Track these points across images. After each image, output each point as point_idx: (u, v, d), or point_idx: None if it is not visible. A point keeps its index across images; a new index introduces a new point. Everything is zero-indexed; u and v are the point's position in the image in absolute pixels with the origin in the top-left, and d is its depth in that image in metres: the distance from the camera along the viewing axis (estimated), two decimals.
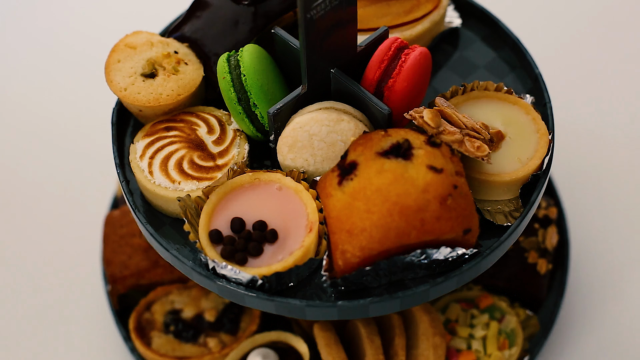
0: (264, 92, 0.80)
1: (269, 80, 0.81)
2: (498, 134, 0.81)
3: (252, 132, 0.83)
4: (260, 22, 0.86)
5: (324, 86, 0.81)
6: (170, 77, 0.84)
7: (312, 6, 0.71)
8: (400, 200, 0.71)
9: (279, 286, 0.76)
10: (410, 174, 0.72)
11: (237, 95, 0.80)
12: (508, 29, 0.94)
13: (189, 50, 0.87)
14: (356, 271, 0.73)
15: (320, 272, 0.78)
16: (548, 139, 0.81)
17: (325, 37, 0.75)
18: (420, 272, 0.76)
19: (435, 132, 0.75)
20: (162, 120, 0.85)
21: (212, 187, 0.78)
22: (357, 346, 0.92)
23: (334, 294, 0.77)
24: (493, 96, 0.84)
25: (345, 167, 0.74)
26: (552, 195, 1.09)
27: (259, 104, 0.80)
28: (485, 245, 0.78)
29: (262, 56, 0.81)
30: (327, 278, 0.75)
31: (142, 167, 0.82)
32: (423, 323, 0.91)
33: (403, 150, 0.73)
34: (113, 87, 0.84)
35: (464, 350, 0.95)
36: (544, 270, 1.00)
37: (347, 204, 0.72)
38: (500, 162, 0.80)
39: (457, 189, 0.72)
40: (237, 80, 0.80)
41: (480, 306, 0.98)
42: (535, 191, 0.80)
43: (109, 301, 1.03)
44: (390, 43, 0.80)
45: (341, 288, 0.76)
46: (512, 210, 0.80)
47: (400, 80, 0.78)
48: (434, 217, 0.72)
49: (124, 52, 0.85)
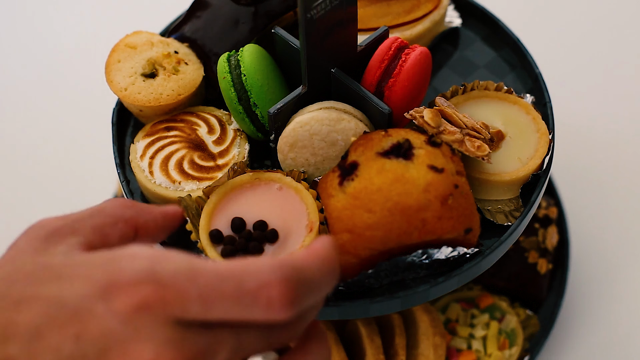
0: (264, 91, 0.80)
1: (269, 80, 0.81)
2: (498, 133, 0.81)
3: (252, 132, 0.83)
4: (261, 22, 0.86)
5: (324, 86, 0.81)
6: (171, 77, 0.84)
7: (313, 6, 0.71)
8: (401, 200, 0.71)
9: None
10: (411, 174, 0.72)
11: (237, 95, 0.80)
12: (508, 29, 0.94)
13: (189, 50, 0.87)
14: (358, 275, 0.74)
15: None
16: (548, 139, 0.81)
17: (325, 37, 0.75)
18: (422, 272, 0.76)
19: (436, 132, 0.75)
20: (163, 120, 0.85)
21: (212, 187, 0.78)
22: (357, 346, 0.92)
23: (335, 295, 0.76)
24: (493, 96, 0.84)
25: (346, 168, 0.74)
26: (552, 195, 1.09)
27: (259, 103, 0.80)
28: (486, 245, 0.78)
29: (262, 56, 0.81)
30: None
31: (142, 167, 0.82)
32: (423, 323, 0.91)
33: (404, 150, 0.73)
34: (113, 87, 0.84)
35: (464, 350, 0.95)
36: (544, 270, 1.00)
37: (348, 204, 0.72)
38: (501, 161, 0.80)
39: (458, 189, 0.72)
40: (238, 80, 0.80)
41: (480, 306, 0.98)
42: (536, 190, 0.80)
43: None
44: (390, 43, 0.80)
45: (342, 289, 0.76)
46: (513, 210, 0.80)
47: (401, 80, 0.78)
48: (435, 216, 0.71)
49: (124, 52, 0.85)
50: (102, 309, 0.47)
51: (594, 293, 1.07)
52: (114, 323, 0.46)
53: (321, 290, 0.51)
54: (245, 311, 0.48)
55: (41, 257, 0.52)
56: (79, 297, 0.47)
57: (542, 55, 1.16)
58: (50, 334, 0.46)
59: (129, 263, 0.48)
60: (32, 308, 0.47)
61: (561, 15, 1.35)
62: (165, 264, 0.48)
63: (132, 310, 0.46)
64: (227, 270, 0.48)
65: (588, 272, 1.09)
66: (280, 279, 0.48)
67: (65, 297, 0.47)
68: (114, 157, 0.86)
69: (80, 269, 0.49)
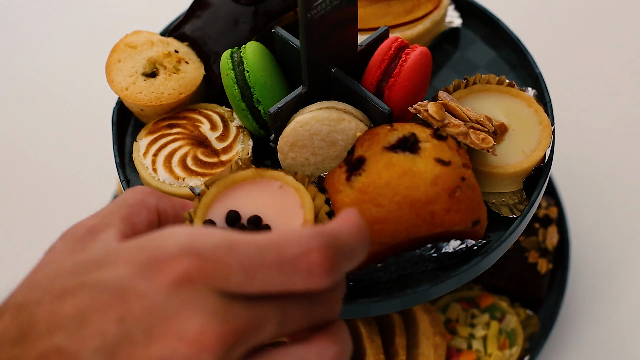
0: (267, 88, 0.80)
1: (272, 77, 0.81)
2: (501, 126, 0.81)
3: (255, 129, 0.83)
4: (261, 22, 0.86)
5: (325, 86, 0.81)
6: (172, 76, 0.84)
7: (313, 6, 0.71)
8: (409, 193, 0.71)
9: None
10: (418, 167, 0.72)
11: (240, 91, 0.80)
12: (508, 29, 0.94)
13: (189, 49, 0.87)
14: (367, 268, 0.74)
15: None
16: (551, 131, 0.81)
17: (325, 37, 0.75)
18: (430, 265, 0.76)
19: (441, 125, 0.75)
20: (165, 117, 0.85)
21: (213, 179, 0.78)
22: (358, 346, 0.92)
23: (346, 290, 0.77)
24: (495, 89, 0.84)
25: (353, 163, 0.74)
26: (552, 195, 1.09)
27: (263, 100, 0.80)
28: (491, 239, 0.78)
29: (264, 53, 0.81)
30: None
31: (145, 164, 0.82)
32: (423, 323, 0.91)
33: (410, 144, 0.73)
34: (114, 87, 0.84)
35: (465, 350, 0.95)
36: (544, 270, 1.00)
37: (356, 199, 0.72)
38: (504, 154, 0.80)
39: (465, 181, 0.73)
40: (241, 77, 0.80)
41: (480, 306, 0.98)
42: (541, 179, 0.80)
43: None
44: (390, 43, 0.80)
45: (351, 284, 0.76)
46: (517, 203, 0.80)
47: (401, 79, 0.78)
48: (443, 209, 0.72)
49: (124, 51, 0.85)
50: (144, 286, 0.46)
51: (594, 293, 1.07)
52: (157, 298, 0.46)
53: (356, 258, 0.51)
54: (286, 280, 0.48)
55: (80, 255, 0.52)
56: (121, 278, 0.47)
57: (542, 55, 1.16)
58: (94, 319, 0.46)
59: (168, 240, 0.48)
60: (76, 297, 0.47)
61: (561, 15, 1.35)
62: (204, 238, 0.48)
63: (174, 284, 0.46)
64: (265, 240, 0.48)
65: (588, 272, 1.09)
66: (319, 245, 0.48)
67: (107, 281, 0.47)
68: (114, 156, 0.86)
69: (120, 254, 0.49)
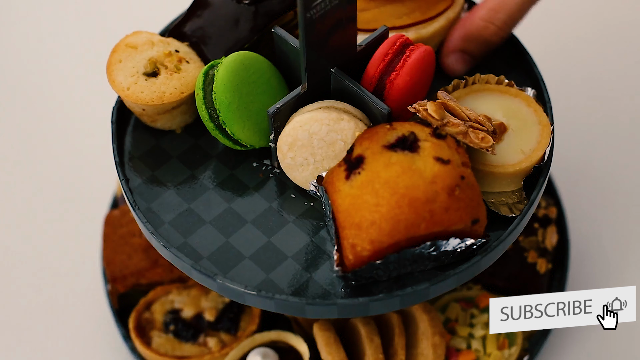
0: (233, 110, 0.80)
1: (241, 96, 0.81)
2: (501, 125, 0.81)
3: (229, 144, 0.83)
4: (261, 22, 0.86)
5: (324, 85, 0.81)
6: (173, 76, 0.84)
7: (312, 5, 0.71)
8: (408, 192, 0.71)
9: None
10: (417, 166, 0.72)
11: (208, 112, 0.81)
12: None
13: (190, 49, 0.87)
14: (367, 265, 0.74)
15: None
16: (550, 130, 0.81)
17: (325, 37, 0.75)
18: (430, 264, 0.76)
19: (440, 124, 0.75)
20: None
21: None
22: (357, 346, 0.92)
23: (345, 289, 0.77)
24: (494, 89, 0.84)
25: (352, 162, 0.74)
26: (551, 195, 1.09)
27: (228, 122, 0.80)
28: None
29: (241, 68, 0.81)
30: (338, 273, 0.75)
31: None
32: (423, 322, 0.91)
33: (409, 143, 0.73)
34: (116, 87, 0.84)
35: (464, 350, 0.95)
36: (544, 270, 1.00)
37: (355, 198, 0.73)
38: (504, 153, 0.80)
39: (465, 180, 0.73)
40: (209, 97, 0.81)
41: (479, 306, 0.98)
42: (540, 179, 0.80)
43: (108, 301, 1.03)
44: (395, 39, 0.80)
45: (352, 282, 0.76)
46: (516, 202, 0.80)
47: (403, 74, 0.78)
48: (442, 208, 0.72)
49: (125, 52, 0.85)
50: None
51: None
52: None
53: None
54: None
55: None
56: None
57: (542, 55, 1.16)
58: None
59: None
60: None
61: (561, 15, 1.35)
62: None
63: None
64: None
65: (588, 272, 1.09)
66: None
67: None
68: (114, 155, 0.86)
69: None
